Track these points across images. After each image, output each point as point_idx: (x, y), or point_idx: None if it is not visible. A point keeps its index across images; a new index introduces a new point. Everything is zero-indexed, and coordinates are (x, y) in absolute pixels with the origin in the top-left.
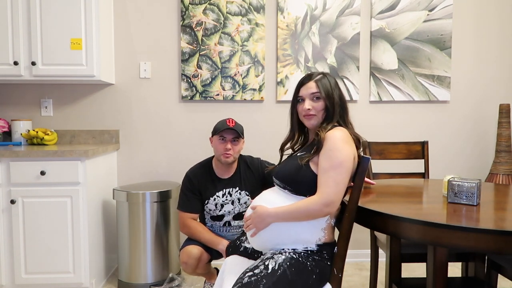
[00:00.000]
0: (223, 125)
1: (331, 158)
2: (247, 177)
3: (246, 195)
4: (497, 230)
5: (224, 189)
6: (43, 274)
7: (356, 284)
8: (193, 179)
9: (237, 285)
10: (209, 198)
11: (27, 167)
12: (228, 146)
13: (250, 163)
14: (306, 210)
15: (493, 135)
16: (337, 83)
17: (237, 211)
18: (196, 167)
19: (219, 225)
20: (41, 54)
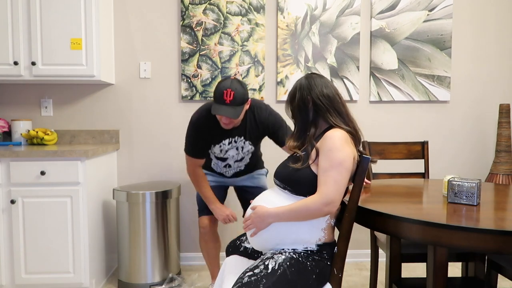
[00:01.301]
0: (220, 98)
1: (331, 158)
2: (252, 129)
3: (249, 145)
4: (497, 230)
5: (230, 137)
6: (43, 274)
7: (356, 284)
8: (198, 128)
9: (237, 285)
10: (215, 144)
11: (27, 167)
12: (225, 121)
13: (258, 115)
14: (306, 210)
15: (493, 135)
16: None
17: (240, 157)
18: (201, 116)
19: (221, 164)
20: (41, 54)
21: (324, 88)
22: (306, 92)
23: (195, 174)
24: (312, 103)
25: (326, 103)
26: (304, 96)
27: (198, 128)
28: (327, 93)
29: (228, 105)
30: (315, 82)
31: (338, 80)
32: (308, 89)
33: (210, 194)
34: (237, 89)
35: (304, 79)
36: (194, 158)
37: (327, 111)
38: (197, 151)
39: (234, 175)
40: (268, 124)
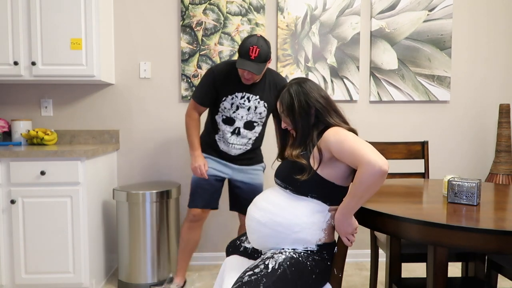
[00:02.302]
0: (246, 54)
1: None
2: (270, 91)
3: (264, 106)
4: (497, 230)
5: (245, 92)
6: (43, 274)
7: (356, 284)
8: (216, 76)
9: (237, 284)
10: (227, 96)
11: (27, 167)
12: (247, 76)
13: (278, 81)
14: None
15: (493, 135)
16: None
17: (249, 118)
18: (223, 64)
19: (228, 130)
20: (41, 54)
21: (320, 91)
22: (304, 98)
23: (192, 117)
24: (314, 107)
25: (326, 105)
26: (303, 101)
27: (217, 74)
28: (323, 95)
29: (252, 61)
30: (309, 86)
31: (338, 80)
32: (305, 94)
33: (197, 140)
34: (263, 46)
35: (296, 85)
36: (199, 105)
37: (328, 113)
38: (205, 98)
39: (238, 158)
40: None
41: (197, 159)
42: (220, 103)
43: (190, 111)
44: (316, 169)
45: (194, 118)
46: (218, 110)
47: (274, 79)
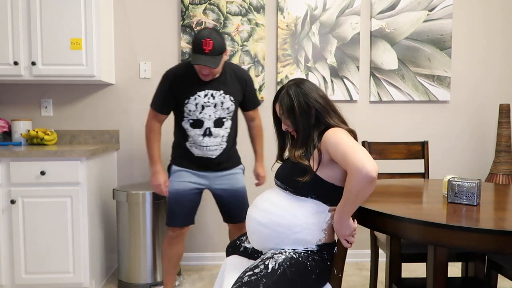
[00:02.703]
0: (199, 48)
1: (339, 139)
2: (233, 83)
3: (230, 100)
4: (497, 230)
5: (207, 90)
6: (43, 274)
7: (356, 284)
8: (172, 80)
9: (237, 284)
10: (189, 98)
11: (27, 167)
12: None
13: (236, 69)
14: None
15: (493, 135)
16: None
17: (218, 115)
18: (177, 66)
19: (199, 134)
20: (41, 54)
21: (318, 91)
22: (303, 98)
23: (152, 129)
24: (314, 108)
25: (325, 105)
26: (303, 102)
27: (173, 78)
28: (322, 95)
29: (207, 54)
30: (308, 86)
31: (338, 80)
32: (304, 95)
33: (157, 153)
34: (216, 38)
35: (294, 86)
36: (158, 114)
37: (328, 113)
38: (164, 105)
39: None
40: (246, 78)
41: (158, 176)
42: (184, 107)
43: (149, 121)
44: (315, 170)
45: (154, 130)
46: (183, 115)
47: (234, 71)
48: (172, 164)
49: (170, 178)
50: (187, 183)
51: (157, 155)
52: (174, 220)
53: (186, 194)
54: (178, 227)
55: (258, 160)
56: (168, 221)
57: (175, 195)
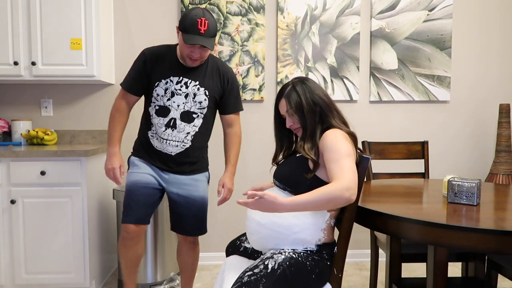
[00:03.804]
0: (194, 28)
1: (338, 150)
2: (212, 78)
3: (204, 95)
4: (497, 230)
5: (182, 77)
6: (43, 274)
7: (356, 284)
8: (148, 58)
9: (237, 284)
10: (160, 80)
11: (27, 167)
12: (196, 55)
13: (221, 68)
14: (328, 195)
15: (493, 135)
16: (313, 88)
17: (187, 108)
18: (158, 46)
19: (162, 123)
20: (41, 54)
21: (321, 89)
22: (310, 95)
23: (118, 108)
24: (319, 105)
25: (328, 103)
26: (309, 99)
27: (148, 56)
28: (325, 93)
29: (202, 35)
30: (312, 83)
31: (338, 80)
32: (309, 91)
33: (118, 135)
34: (210, 19)
35: (300, 83)
36: (127, 93)
37: (330, 112)
38: (134, 84)
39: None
40: (229, 76)
41: (113, 159)
42: (153, 90)
43: (117, 100)
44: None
45: (120, 109)
46: (151, 99)
47: (217, 65)
48: (131, 156)
49: (129, 171)
50: (146, 174)
51: (117, 136)
52: (128, 215)
53: (143, 187)
54: (132, 223)
55: (228, 170)
56: (124, 217)
57: (132, 187)
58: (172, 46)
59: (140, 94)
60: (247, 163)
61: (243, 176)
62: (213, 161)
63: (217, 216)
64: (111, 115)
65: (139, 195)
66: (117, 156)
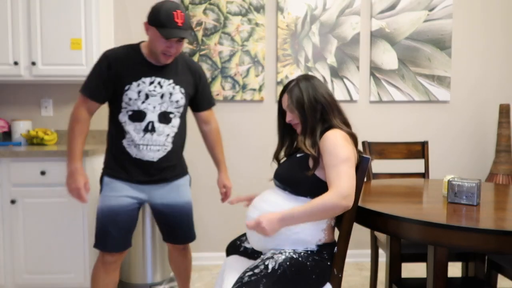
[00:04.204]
0: (170, 21)
1: (337, 154)
2: (185, 74)
3: (180, 93)
4: (497, 230)
5: (154, 76)
6: (43, 274)
7: (356, 284)
8: (112, 60)
9: (237, 285)
10: (131, 83)
11: (27, 167)
12: (173, 50)
13: (191, 63)
14: (323, 207)
15: (493, 135)
16: (317, 86)
17: (164, 108)
18: (118, 48)
19: (139, 129)
20: (41, 54)
21: (326, 88)
22: (312, 92)
23: (78, 119)
24: (320, 103)
25: (331, 103)
26: (312, 96)
27: (115, 58)
28: (329, 93)
29: (181, 28)
30: (317, 81)
31: (338, 80)
32: (313, 89)
33: (79, 149)
34: (183, 10)
35: (305, 80)
36: (89, 100)
37: (332, 111)
38: (98, 90)
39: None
40: (199, 71)
41: (76, 177)
42: (123, 95)
43: (77, 109)
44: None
45: (80, 120)
46: (121, 105)
47: (187, 62)
48: (104, 175)
49: (102, 193)
50: (123, 198)
51: (79, 150)
52: (112, 245)
53: (123, 211)
54: (115, 252)
55: (222, 170)
56: (103, 245)
57: (110, 213)
58: (134, 46)
59: (104, 101)
60: (247, 163)
61: (243, 176)
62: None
63: (217, 216)
64: (71, 127)
65: (118, 222)
66: (80, 173)
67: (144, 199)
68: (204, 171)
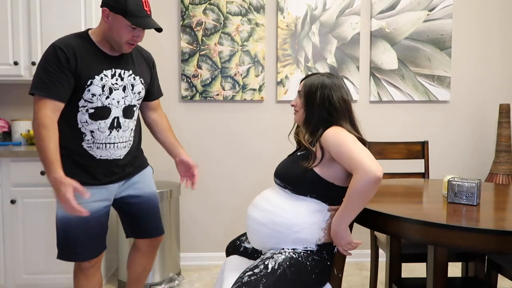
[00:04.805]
0: (140, 10)
1: (343, 140)
2: (141, 64)
3: (141, 83)
4: (497, 230)
5: (114, 68)
6: (43, 274)
7: (356, 284)
8: (69, 53)
9: (237, 284)
10: (93, 77)
11: (27, 167)
12: (140, 39)
13: (142, 51)
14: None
15: (493, 135)
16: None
17: (127, 102)
18: (69, 37)
19: (104, 127)
20: (41, 54)
21: (345, 94)
22: (328, 91)
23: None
24: (333, 104)
25: (344, 108)
26: (326, 94)
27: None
28: (346, 98)
29: (150, 16)
30: (339, 83)
31: None
32: (330, 88)
33: (56, 155)
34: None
35: (327, 77)
36: (57, 102)
37: (343, 116)
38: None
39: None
40: (152, 58)
41: (66, 187)
42: (84, 91)
43: (41, 114)
44: (316, 165)
45: (47, 125)
46: (78, 103)
47: (139, 51)
48: None
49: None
50: (93, 203)
51: (54, 158)
52: (86, 254)
53: (94, 218)
54: (91, 259)
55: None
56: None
57: (80, 222)
58: (83, 34)
59: (66, 99)
60: (246, 163)
61: (243, 176)
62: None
63: (217, 216)
64: (40, 136)
65: (88, 228)
66: (63, 182)
67: (111, 199)
68: (203, 171)
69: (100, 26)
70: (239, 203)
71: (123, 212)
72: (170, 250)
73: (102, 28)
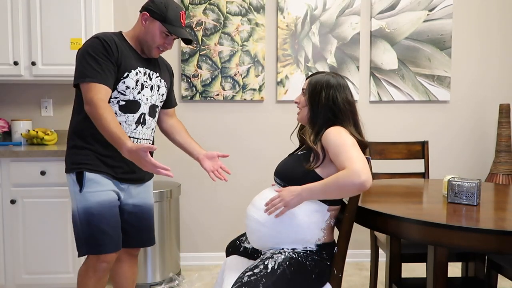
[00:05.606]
0: (177, 20)
1: (343, 143)
2: (163, 69)
3: (165, 87)
4: (497, 230)
5: (145, 68)
6: (43, 274)
7: (356, 284)
8: (111, 45)
9: (237, 284)
10: (130, 71)
11: (27, 167)
12: (169, 46)
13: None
14: (337, 182)
15: (493, 135)
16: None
17: (153, 101)
18: (107, 33)
19: (132, 120)
20: (41, 54)
21: (350, 94)
22: (333, 92)
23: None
24: (337, 105)
25: (348, 109)
26: (330, 95)
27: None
28: (351, 100)
29: (184, 28)
30: (343, 84)
31: None
32: (335, 89)
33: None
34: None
35: (333, 77)
36: (104, 86)
37: (347, 118)
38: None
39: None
40: (171, 69)
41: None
42: (119, 83)
43: (100, 100)
44: (317, 166)
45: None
46: (111, 95)
47: (162, 60)
48: (83, 171)
49: (84, 190)
50: (109, 192)
51: (121, 131)
52: (105, 244)
53: (113, 206)
54: (113, 252)
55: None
56: (98, 248)
57: (101, 209)
58: (117, 34)
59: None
60: (246, 163)
61: (243, 176)
62: None
63: (217, 216)
64: (101, 116)
65: (110, 218)
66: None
67: (121, 198)
68: (203, 171)
69: (134, 29)
70: (239, 203)
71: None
72: (170, 250)
73: (137, 31)
